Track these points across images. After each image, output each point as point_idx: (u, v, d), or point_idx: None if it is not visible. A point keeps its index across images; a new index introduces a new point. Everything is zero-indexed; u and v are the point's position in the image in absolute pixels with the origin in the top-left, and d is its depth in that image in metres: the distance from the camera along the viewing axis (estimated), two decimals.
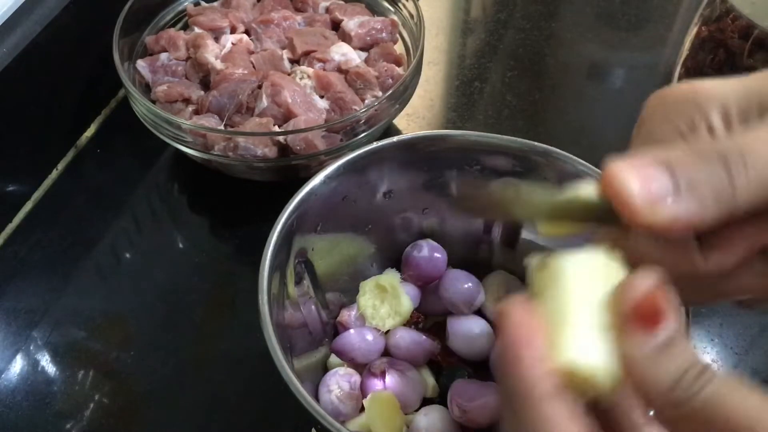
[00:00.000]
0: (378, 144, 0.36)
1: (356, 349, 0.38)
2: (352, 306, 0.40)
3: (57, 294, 0.50)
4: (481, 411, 0.34)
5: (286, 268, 0.35)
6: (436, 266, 0.40)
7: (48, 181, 0.57)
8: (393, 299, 0.39)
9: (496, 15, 0.72)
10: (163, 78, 0.56)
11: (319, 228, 0.37)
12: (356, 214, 0.38)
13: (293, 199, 0.34)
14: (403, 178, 0.38)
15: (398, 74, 0.55)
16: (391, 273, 0.40)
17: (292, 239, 0.35)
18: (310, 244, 0.37)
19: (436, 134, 0.38)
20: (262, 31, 0.58)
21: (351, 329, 0.39)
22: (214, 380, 0.46)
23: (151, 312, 0.49)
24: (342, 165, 0.36)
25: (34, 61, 0.52)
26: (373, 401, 0.36)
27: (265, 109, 0.52)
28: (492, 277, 0.41)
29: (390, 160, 0.37)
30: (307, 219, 0.36)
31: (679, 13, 0.72)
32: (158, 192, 0.57)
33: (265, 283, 0.32)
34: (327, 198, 0.36)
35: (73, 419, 0.44)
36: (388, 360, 0.38)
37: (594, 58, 0.68)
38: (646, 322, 0.21)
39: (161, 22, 0.60)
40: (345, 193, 0.37)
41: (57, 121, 0.57)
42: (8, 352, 0.47)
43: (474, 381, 0.36)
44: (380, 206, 0.39)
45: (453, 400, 0.35)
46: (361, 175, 0.37)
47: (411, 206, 0.40)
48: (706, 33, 0.53)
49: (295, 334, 0.36)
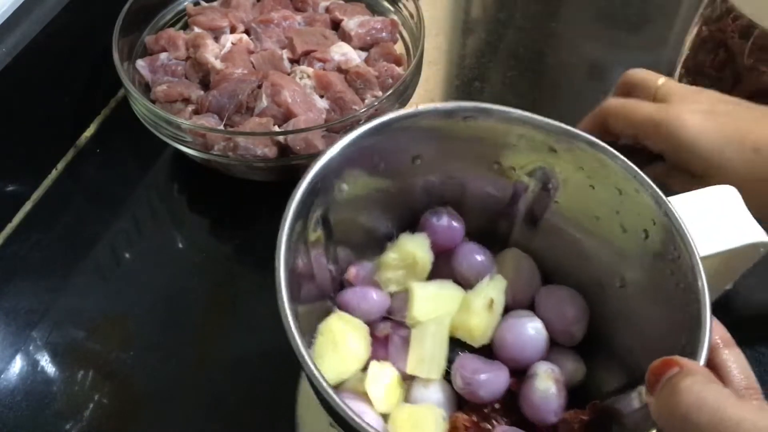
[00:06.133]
0: (415, 109, 0.35)
1: (358, 307, 0.37)
2: (359, 263, 0.39)
3: (57, 294, 0.50)
4: (486, 385, 0.34)
5: (309, 217, 0.34)
6: (453, 236, 0.39)
7: (47, 181, 0.56)
8: (414, 268, 0.38)
9: (496, 15, 0.72)
10: (162, 78, 0.55)
11: (343, 187, 0.36)
12: (381, 176, 0.37)
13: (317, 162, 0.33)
14: (435, 146, 0.37)
15: (398, 74, 0.55)
16: (422, 239, 0.39)
17: (313, 199, 0.34)
18: (332, 200, 0.36)
19: (477, 106, 0.36)
20: (262, 30, 0.58)
21: (357, 287, 0.38)
22: (214, 380, 0.46)
23: (151, 312, 0.49)
24: (379, 124, 0.35)
25: (34, 61, 0.52)
26: (374, 371, 0.35)
27: (265, 109, 0.52)
28: (506, 254, 0.40)
29: (425, 127, 0.36)
30: (331, 179, 0.35)
31: (679, 13, 0.72)
32: (158, 192, 0.57)
33: (287, 226, 0.31)
34: (353, 160, 0.35)
35: (73, 419, 0.44)
36: (393, 325, 0.37)
37: (594, 58, 0.68)
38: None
39: (161, 22, 0.60)
40: (372, 156, 0.36)
41: (56, 121, 0.57)
42: (8, 352, 0.47)
43: (478, 357, 0.36)
44: (406, 169, 0.38)
45: (458, 371, 0.35)
46: (393, 138, 0.36)
47: (438, 173, 0.39)
48: (707, 33, 0.53)
49: (303, 283, 0.35)
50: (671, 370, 0.26)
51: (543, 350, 0.36)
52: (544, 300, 0.38)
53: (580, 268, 0.38)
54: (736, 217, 0.36)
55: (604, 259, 0.36)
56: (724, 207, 0.36)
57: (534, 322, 0.37)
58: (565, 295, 0.38)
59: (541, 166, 0.37)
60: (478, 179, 0.39)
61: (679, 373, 0.26)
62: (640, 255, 0.34)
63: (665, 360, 0.27)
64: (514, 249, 0.41)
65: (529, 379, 0.35)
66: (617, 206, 0.34)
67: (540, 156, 0.36)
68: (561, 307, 0.37)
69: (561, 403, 0.34)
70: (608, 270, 0.36)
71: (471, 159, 0.38)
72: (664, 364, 0.26)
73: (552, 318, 0.37)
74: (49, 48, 0.53)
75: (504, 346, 0.36)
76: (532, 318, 0.37)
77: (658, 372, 0.26)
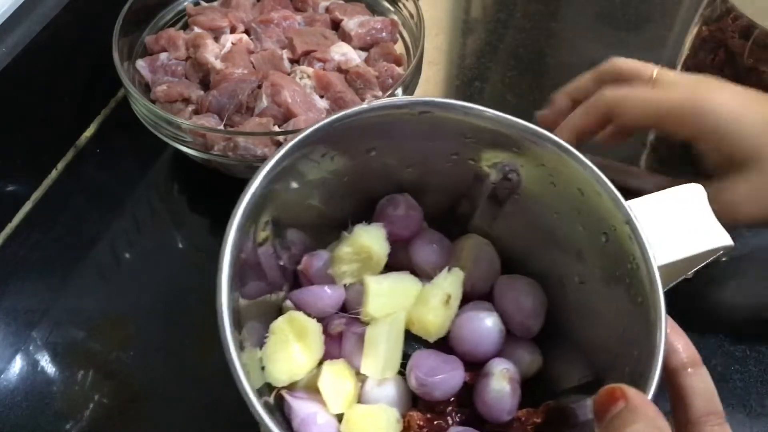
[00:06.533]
0: (369, 105, 0.34)
1: (314, 305, 0.36)
2: (315, 253, 0.38)
3: (57, 294, 0.50)
4: (441, 385, 0.34)
5: (258, 221, 0.33)
6: (410, 225, 0.38)
7: (47, 181, 0.56)
8: (369, 261, 0.37)
9: (496, 15, 0.72)
10: (162, 78, 0.55)
11: (292, 182, 0.35)
12: (334, 167, 0.36)
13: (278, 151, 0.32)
14: (391, 139, 0.36)
15: (398, 74, 0.55)
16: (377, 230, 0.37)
17: (267, 194, 0.32)
18: (283, 197, 0.34)
19: (430, 100, 0.35)
20: (262, 30, 0.58)
21: (313, 285, 0.37)
22: (215, 380, 0.46)
23: (151, 312, 0.49)
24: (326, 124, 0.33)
25: (34, 60, 0.52)
26: (327, 373, 0.34)
27: (265, 109, 0.52)
28: (465, 241, 0.39)
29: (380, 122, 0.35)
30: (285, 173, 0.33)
31: (679, 13, 0.72)
32: (158, 192, 0.57)
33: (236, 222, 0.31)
34: (308, 151, 0.34)
35: (73, 419, 0.44)
36: (347, 321, 0.36)
37: (594, 58, 0.68)
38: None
39: (161, 22, 0.60)
40: (326, 150, 0.35)
41: (56, 121, 0.57)
42: (8, 352, 0.47)
43: (434, 352, 0.35)
44: (361, 161, 0.37)
45: (412, 371, 0.34)
46: (346, 134, 0.34)
47: (394, 164, 0.38)
48: (707, 33, 0.53)
49: (250, 278, 0.34)
50: (616, 406, 0.25)
51: (499, 344, 0.36)
52: (503, 291, 0.38)
53: (541, 259, 0.38)
54: (700, 219, 0.35)
55: (563, 255, 0.36)
56: (689, 209, 0.35)
57: (491, 316, 0.36)
58: (523, 286, 0.37)
59: (501, 160, 0.36)
60: (438, 164, 0.38)
61: (625, 410, 0.25)
62: (599, 257, 0.34)
63: (610, 390, 0.26)
64: (474, 236, 0.39)
65: (485, 377, 0.35)
66: (578, 206, 0.34)
67: (501, 152, 0.36)
68: (519, 299, 0.37)
69: (515, 402, 0.34)
70: (568, 266, 0.36)
71: (428, 150, 0.37)
72: (609, 396, 0.26)
73: (509, 310, 0.37)
74: (49, 48, 0.53)
75: (460, 340, 0.36)
76: (488, 312, 0.36)
77: (603, 404, 0.26)
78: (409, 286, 0.37)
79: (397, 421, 0.34)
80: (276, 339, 0.34)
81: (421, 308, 0.36)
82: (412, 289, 0.36)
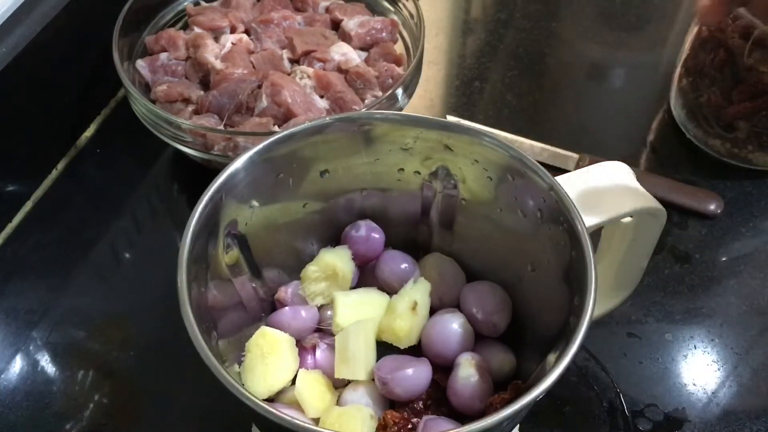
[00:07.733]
0: (312, 124, 0.36)
1: (289, 326, 0.38)
2: (290, 283, 0.41)
3: (56, 294, 0.50)
4: (401, 382, 0.35)
5: (216, 245, 0.35)
6: (374, 246, 0.41)
7: (47, 180, 0.56)
8: (335, 279, 0.40)
9: (496, 15, 0.72)
10: (162, 78, 0.55)
11: (253, 203, 0.37)
12: (292, 192, 0.39)
13: (218, 178, 0.34)
14: (341, 158, 0.39)
15: (398, 74, 0.55)
16: (342, 250, 0.40)
17: (219, 215, 0.34)
18: (244, 218, 0.37)
19: (371, 115, 0.38)
20: (262, 30, 0.58)
21: (287, 306, 0.39)
22: (215, 380, 0.46)
23: (151, 312, 0.49)
24: (272, 142, 0.36)
25: (34, 60, 0.52)
26: (302, 379, 0.36)
27: (265, 109, 0.52)
28: (428, 259, 0.42)
29: (325, 140, 0.37)
30: (238, 194, 0.36)
31: (679, 13, 0.72)
32: (158, 192, 0.57)
33: (184, 260, 0.33)
34: (259, 175, 0.36)
35: (73, 419, 0.44)
36: (320, 335, 0.39)
37: (594, 58, 0.68)
38: None
39: (161, 22, 0.60)
40: (279, 171, 0.37)
41: (56, 121, 0.57)
42: (8, 352, 0.47)
43: (400, 356, 0.37)
44: (317, 185, 0.39)
45: (376, 373, 0.36)
46: (295, 154, 0.37)
47: (349, 187, 0.40)
48: (707, 33, 0.53)
49: (227, 312, 0.37)
50: None
51: (467, 343, 0.38)
52: (466, 295, 0.40)
53: (497, 262, 0.40)
54: (627, 188, 0.36)
55: (514, 249, 0.38)
56: (615, 180, 0.37)
57: (457, 318, 0.38)
58: (485, 288, 0.40)
59: (441, 165, 0.38)
60: (393, 191, 0.41)
61: None
62: (540, 236, 0.35)
63: None
64: (436, 253, 0.42)
65: (453, 370, 0.36)
66: (514, 192, 0.36)
67: (437, 155, 0.38)
68: (481, 300, 0.39)
69: (485, 388, 0.36)
70: (520, 258, 0.38)
71: (377, 168, 0.39)
72: None
73: (474, 311, 0.39)
74: (49, 48, 0.53)
75: (430, 344, 0.38)
76: (454, 314, 0.38)
77: None
78: (376, 299, 0.39)
79: (371, 418, 0.35)
80: (251, 356, 0.36)
81: (390, 317, 0.38)
82: (380, 301, 0.39)
